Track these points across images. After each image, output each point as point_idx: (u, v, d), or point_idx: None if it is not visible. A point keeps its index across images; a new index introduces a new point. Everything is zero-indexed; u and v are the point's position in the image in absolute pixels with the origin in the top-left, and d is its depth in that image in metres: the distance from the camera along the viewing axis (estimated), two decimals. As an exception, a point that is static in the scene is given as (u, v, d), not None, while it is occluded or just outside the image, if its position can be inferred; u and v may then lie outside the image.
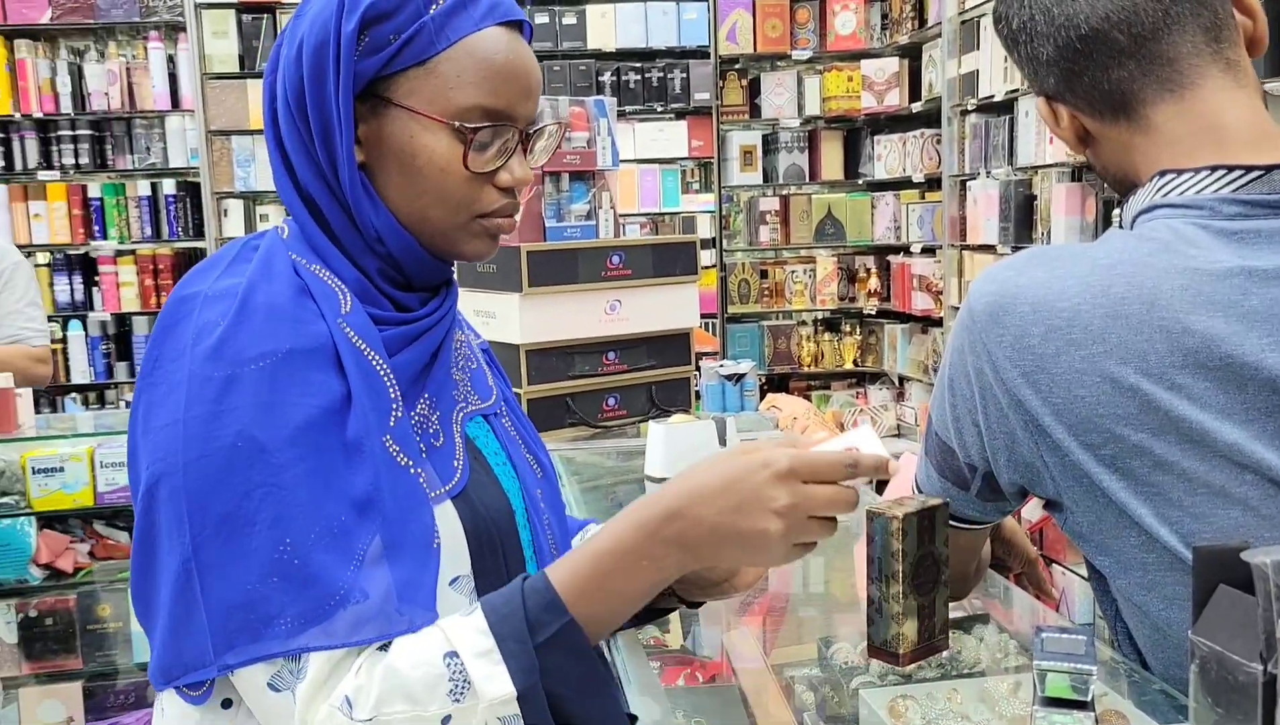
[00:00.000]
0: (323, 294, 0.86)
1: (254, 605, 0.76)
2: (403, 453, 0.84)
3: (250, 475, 0.78)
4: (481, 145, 0.87)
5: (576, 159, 2.59)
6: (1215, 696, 0.77)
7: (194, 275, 0.88)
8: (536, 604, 0.78)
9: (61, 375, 4.71)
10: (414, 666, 0.76)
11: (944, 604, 1.25)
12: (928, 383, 4.79)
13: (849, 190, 5.14)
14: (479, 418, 0.97)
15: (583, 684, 0.79)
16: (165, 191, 4.70)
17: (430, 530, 0.83)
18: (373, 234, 0.88)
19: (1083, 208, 3.48)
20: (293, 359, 0.81)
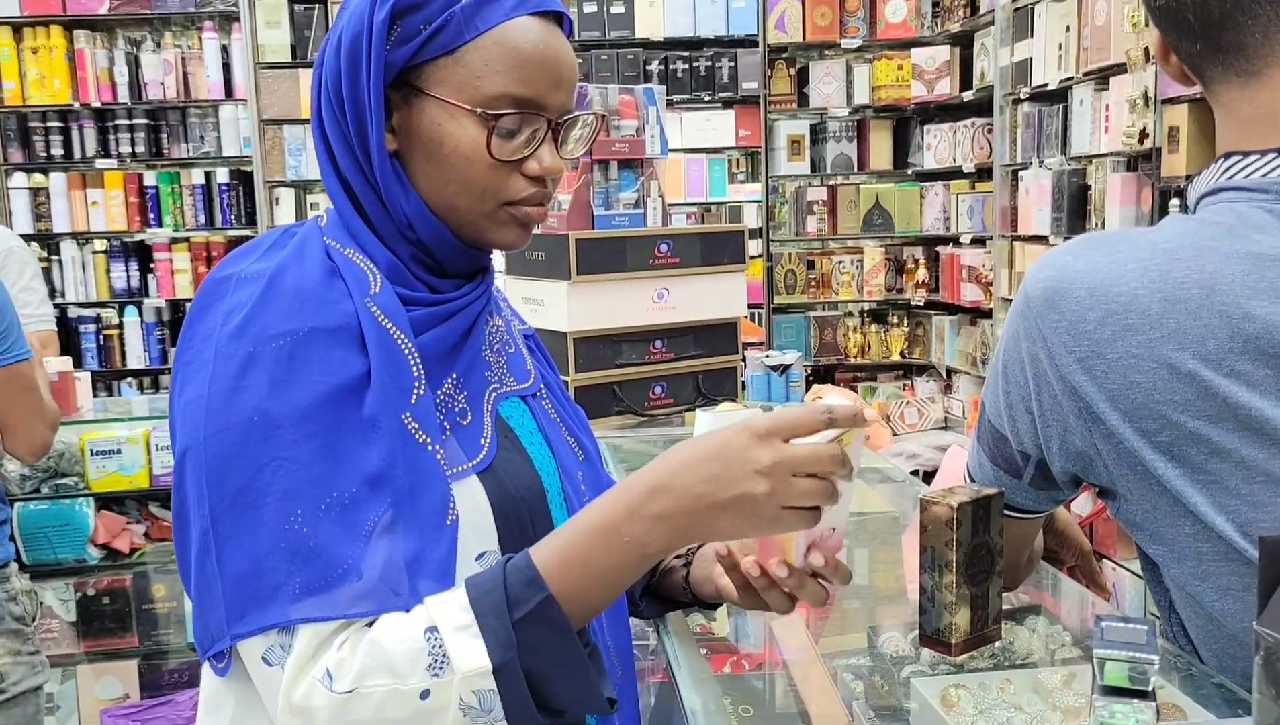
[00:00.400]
0: (353, 275, 0.88)
1: (262, 575, 0.78)
2: (422, 430, 0.85)
3: (265, 449, 0.79)
4: (508, 133, 0.88)
5: (625, 147, 2.59)
6: (1277, 686, 0.75)
7: (231, 258, 0.91)
8: (517, 580, 0.79)
9: (117, 360, 4.81)
10: (396, 642, 0.77)
11: (997, 594, 1.24)
12: (976, 375, 4.74)
13: (898, 180, 5.10)
14: (515, 399, 0.98)
15: (561, 662, 0.79)
16: (219, 180, 4.78)
17: (444, 507, 0.84)
18: (404, 221, 0.90)
19: (1138, 198, 3.41)
20: (314, 338, 0.83)
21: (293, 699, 0.78)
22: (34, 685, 2.10)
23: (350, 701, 0.76)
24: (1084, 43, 3.59)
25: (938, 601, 1.21)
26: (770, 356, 3.49)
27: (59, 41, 4.60)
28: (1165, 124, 3.13)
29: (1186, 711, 1.11)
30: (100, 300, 4.80)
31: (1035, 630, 1.32)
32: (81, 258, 4.77)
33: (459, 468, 0.87)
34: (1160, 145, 3.16)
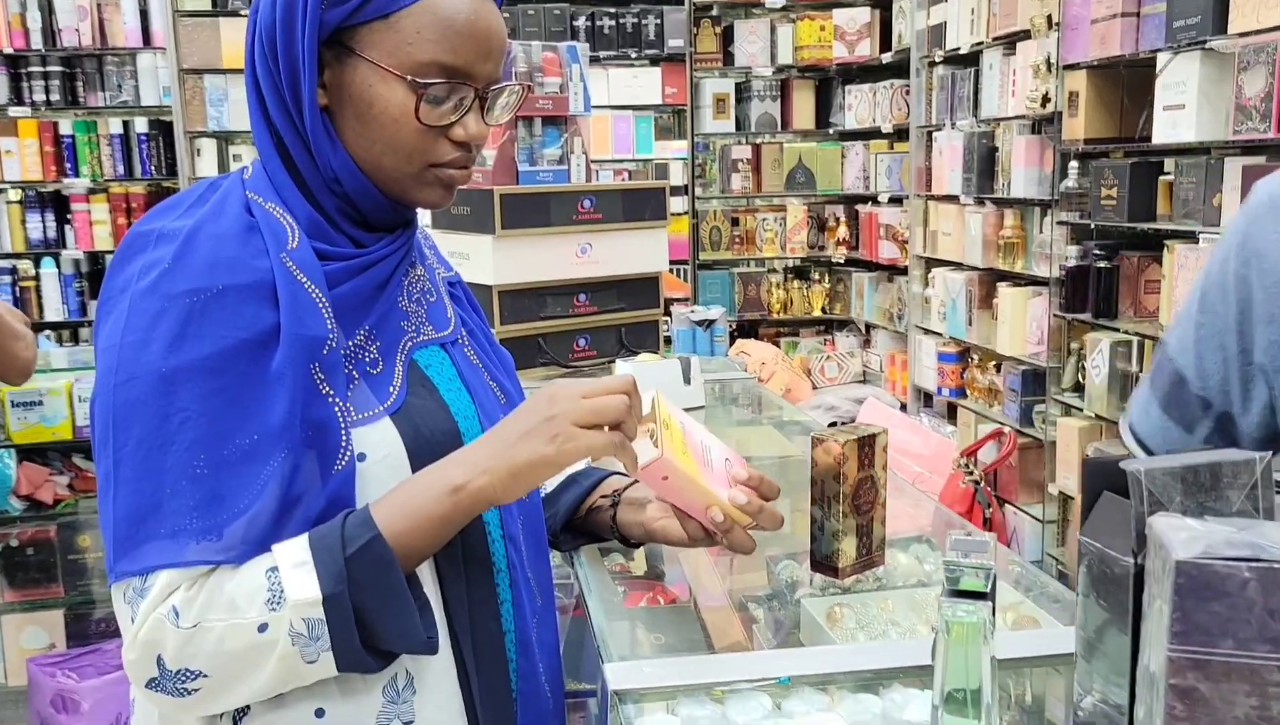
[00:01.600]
0: (271, 230, 0.90)
1: (154, 521, 0.83)
2: (327, 382, 0.89)
3: (169, 401, 0.83)
4: (436, 100, 0.91)
5: (549, 104, 2.64)
6: (1097, 589, 0.87)
7: (155, 213, 0.93)
8: (353, 522, 0.86)
9: (35, 312, 4.73)
10: (239, 581, 0.84)
11: (881, 523, 1.36)
12: (893, 330, 4.90)
13: (820, 140, 5.21)
14: (434, 347, 1.01)
15: (386, 597, 0.86)
16: (137, 130, 4.70)
17: (335, 455, 0.88)
18: (330, 174, 0.93)
19: (1041, 159, 3.57)
20: (226, 295, 0.85)
21: (139, 634, 0.83)
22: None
23: (194, 635, 0.83)
24: (994, 8, 3.71)
25: (826, 530, 1.33)
26: (695, 311, 3.59)
27: (-33, -16, 4.47)
28: (1066, 89, 3.27)
29: (1039, 622, 1.25)
30: (16, 251, 4.70)
31: (919, 558, 1.44)
32: (-4, 208, 4.67)
33: (368, 413, 0.91)
34: (1061, 109, 3.31)
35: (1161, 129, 2.87)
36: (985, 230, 3.89)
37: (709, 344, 3.60)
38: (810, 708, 1.01)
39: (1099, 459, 0.87)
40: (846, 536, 1.32)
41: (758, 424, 2.58)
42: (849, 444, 1.30)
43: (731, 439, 2.46)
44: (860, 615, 1.27)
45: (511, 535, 1.02)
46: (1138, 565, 0.82)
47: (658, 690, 1.05)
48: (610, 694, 1.04)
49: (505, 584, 1.00)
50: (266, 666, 0.84)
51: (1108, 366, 3.15)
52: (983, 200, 3.94)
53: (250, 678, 0.85)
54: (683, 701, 1.02)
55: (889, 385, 4.92)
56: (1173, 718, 0.77)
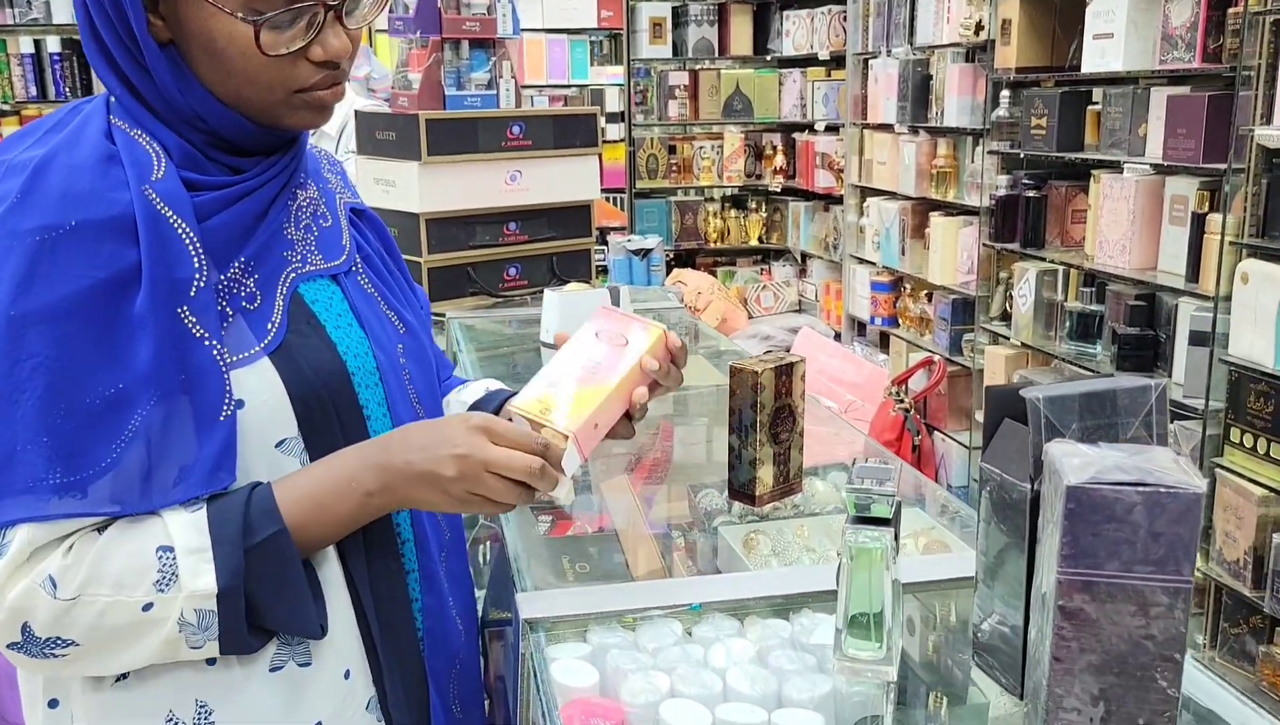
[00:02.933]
0: (134, 160, 0.83)
1: (4, 473, 0.77)
2: (199, 324, 0.82)
3: (20, 346, 0.77)
4: (278, 26, 0.83)
5: (476, 26, 2.58)
6: (998, 514, 0.89)
7: (6, 143, 0.86)
8: (256, 509, 0.83)
9: (-52, 241, 4.56)
10: (127, 555, 0.79)
11: (798, 451, 1.38)
12: (829, 260, 4.92)
13: (757, 66, 5.16)
14: (323, 279, 0.95)
15: (282, 591, 0.84)
16: (50, 49, 4.50)
17: (218, 402, 0.83)
18: (189, 112, 0.86)
19: (974, 88, 3.57)
20: (83, 231, 0.79)
21: (7, 597, 0.78)
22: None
23: (73, 608, 0.79)
24: (931, -67, 3.68)
25: (744, 458, 1.34)
26: (632, 241, 3.57)
27: None
28: (999, 17, 3.27)
29: (949, 547, 1.27)
30: (-75, 177, 4.52)
31: (835, 484, 1.47)
32: (-100, 130, 4.47)
33: (244, 353, 0.86)
34: (994, 38, 3.30)
35: (1091, 58, 2.88)
36: (919, 159, 3.90)
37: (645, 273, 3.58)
38: (720, 633, 1.03)
39: (1001, 388, 0.88)
40: (764, 464, 1.33)
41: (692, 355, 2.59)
42: (766, 373, 1.31)
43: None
44: (776, 542, 1.29)
45: None
46: (1034, 491, 0.84)
47: (570, 619, 1.05)
48: (521, 623, 1.05)
49: (407, 523, 0.97)
50: (146, 644, 0.82)
51: (1034, 295, 3.20)
52: (916, 129, 3.94)
53: (126, 651, 0.82)
54: (594, 630, 1.03)
55: (824, 315, 4.96)
56: (1060, 638, 0.79)
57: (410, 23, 2.57)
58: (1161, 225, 2.77)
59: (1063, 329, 3.10)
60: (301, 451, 0.89)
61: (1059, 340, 3.13)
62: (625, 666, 0.96)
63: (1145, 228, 2.80)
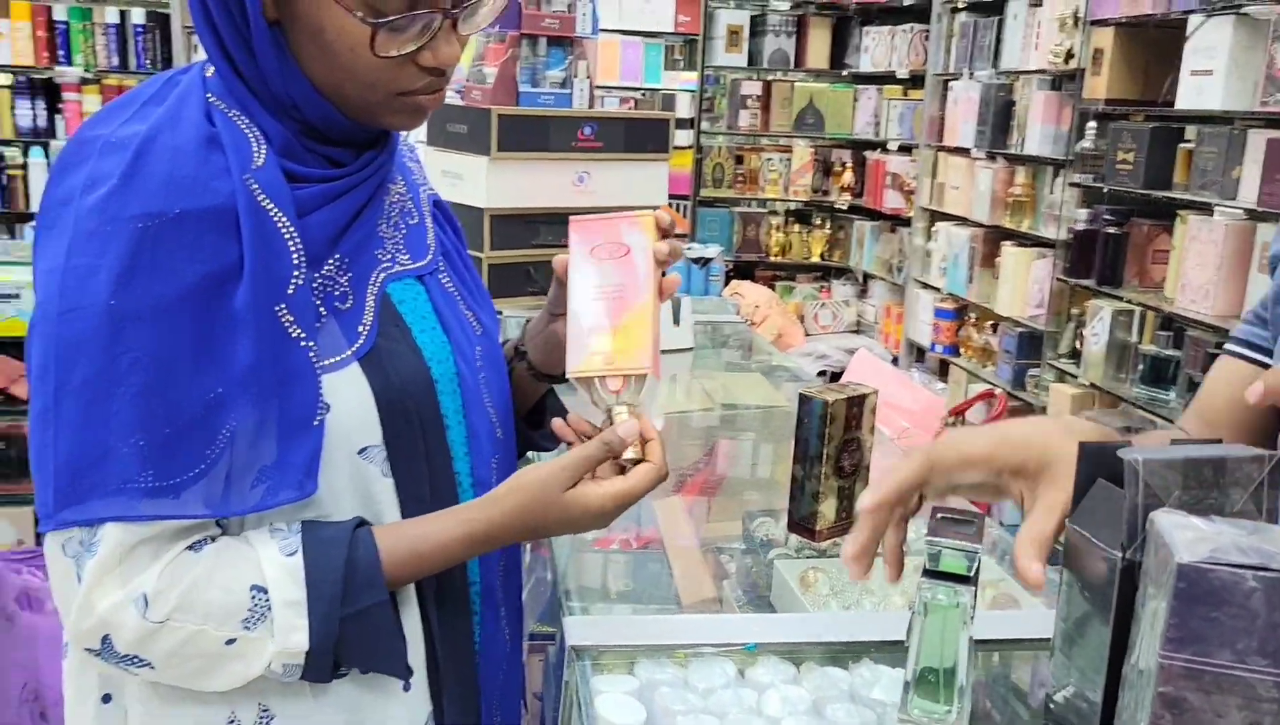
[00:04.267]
0: (235, 145, 0.80)
1: (101, 469, 0.75)
2: (296, 324, 0.80)
3: (122, 340, 0.74)
4: (396, 29, 0.79)
5: (556, 24, 2.54)
6: (1081, 580, 0.82)
7: (102, 115, 0.82)
8: (361, 576, 0.80)
9: (21, 202, 4.63)
10: (221, 589, 0.78)
11: (863, 486, 1.31)
12: (892, 282, 4.83)
13: (833, 81, 5.08)
14: (410, 279, 0.92)
15: (374, 652, 0.83)
16: (134, 20, 4.55)
17: (311, 407, 0.80)
18: (285, 99, 0.82)
19: (1059, 117, 3.47)
20: (185, 221, 0.76)
21: (97, 606, 0.76)
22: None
23: (159, 632, 0.77)
24: (1024, -44, 3.59)
25: (806, 490, 1.28)
26: (692, 249, 3.52)
27: None
28: (1091, 46, 3.16)
29: (1019, 602, 1.21)
30: (5, 138, 4.59)
31: (899, 523, 1.40)
32: (-16, 92, 4.55)
33: (335, 358, 0.83)
34: (1084, 67, 3.20)
35: (1186, 94, 2.78)
36: (994, 186, 3.80)
37: (704, 282, 3.53)
38: (775, 678, 0.97)
39: (1096, 445, 0.81)
40: (826, 498, 1.27)
41: (746, 370, 2.53)
42: (837, 403, 1.25)
43: (718, 383, 2.41)
44: (835, 581, 1.23)
45: (482, 480, 0.95)
46: (1126, 560, 0.77)
47: (618, 649, 1.00)
48: (569, 649, 1.00)
49: None
50: (222, 675, 0.80)
51: (1107, 335, 3.09)
52: (994, 155, 3.84)
53: (201, 678, 0.80)
54: (643, 663, 0.98)
55: (882, 337, 4.87)
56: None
57: (489, 16, 2.55)
58: (1249, 272, 2.66)
59: (1134, 372, 3.00)
60: (384, 460, 0.86)
61: (1130, 383, 3.03)
62: (674, 707, 0.91)
63: (1232, 274, 2.69)
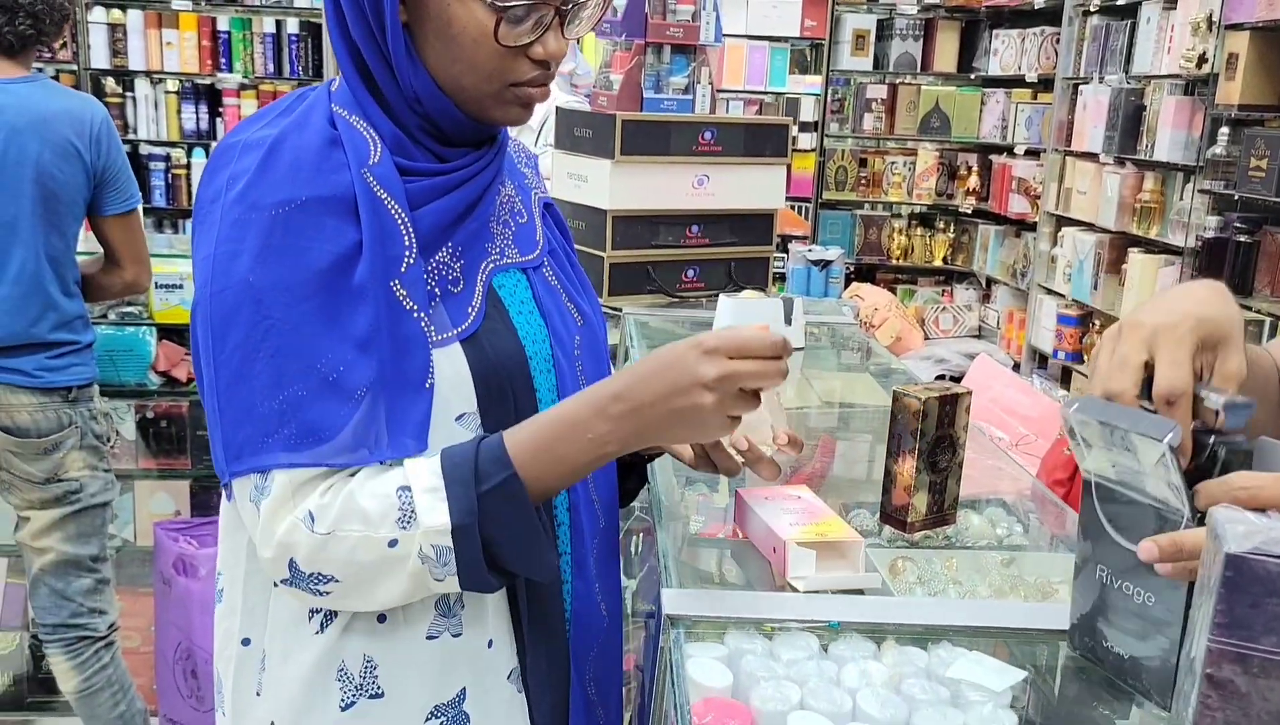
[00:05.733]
0: (353, 144, 0.90)
1: (250, 424, 0.86)
2: (410, 298, 0.90)
3: (258, 310, 0.85)
4: (515, 19, 0.90)
5: (679, 32, 2.64)
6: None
7: (243, 125, 0.95)
8: (487, 457, 0.87)
9: (184, 199, 4.98)
10: (371, 494, 0.86)
11: (955, 482, 1.37)
12: (1015, 287, 4.77)
13: (960, 84, 5.04)
14: (514, 271, 1.02)
15: (516, 533, 0.88)
16: (289, 30, 4.85)
17: (424, 371, 0.90)
18: (411, 93, 0.93)
19: (1190, 122, 3.39)
20: (310, 207, 0.87)
21: (275, 533, 0.86)
22: (106, 500, 2.33)
23: (328, 542, 0.86)
24: (1159, -42, 3.52)
25: (899, 484, 1.34)
26: (813, 251, 3.57)
27: (139, -124, 4.65)
28: (1225, 50, 3.09)
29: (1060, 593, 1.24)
30: (170, 140, 4.94)
31: (991, 520, 1.45)
32: (154, 96, 4.91)
33: (444, 335, 0.93)
34: (1218, 71, 3.13)
35: (1324, 100, 2.70)
36: (1122, 192, 3.73)
37: (823, 284, 3.57)
38: (856, 654, 1.04)
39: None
40: (919, 492, 1.33)
41: (859, 371, 2.57)
42: (930, 401, 1.31)
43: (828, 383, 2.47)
44: (923, 570, 1.29)
45: None
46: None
47: (710, 620, 1.09)
48: (664, 618, 1.09)
49: (563, 507, 1.03)
50: (397, 578, 0.87)
51: (1235, 346, 3.02)
52: (1123, 160, 3.77)
53: (381, 586, 0.88)
54: (733, 633, 1.07)
55: (1004, 343, 4.81)
56: (1205, 707, 0.78)
57: (617, 26, 2.66)
58: (1387, 284, 2.57)
59: (1264, 384, 2.92)
60: (478, 427, 0.95)
61: (1258, 396, 2.94)
62: (759, 673, 0.99)
63: (1368, 285, 2.60)
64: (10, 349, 2.15)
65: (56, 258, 2.19)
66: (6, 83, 2.11)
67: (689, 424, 0.88)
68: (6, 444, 2.17)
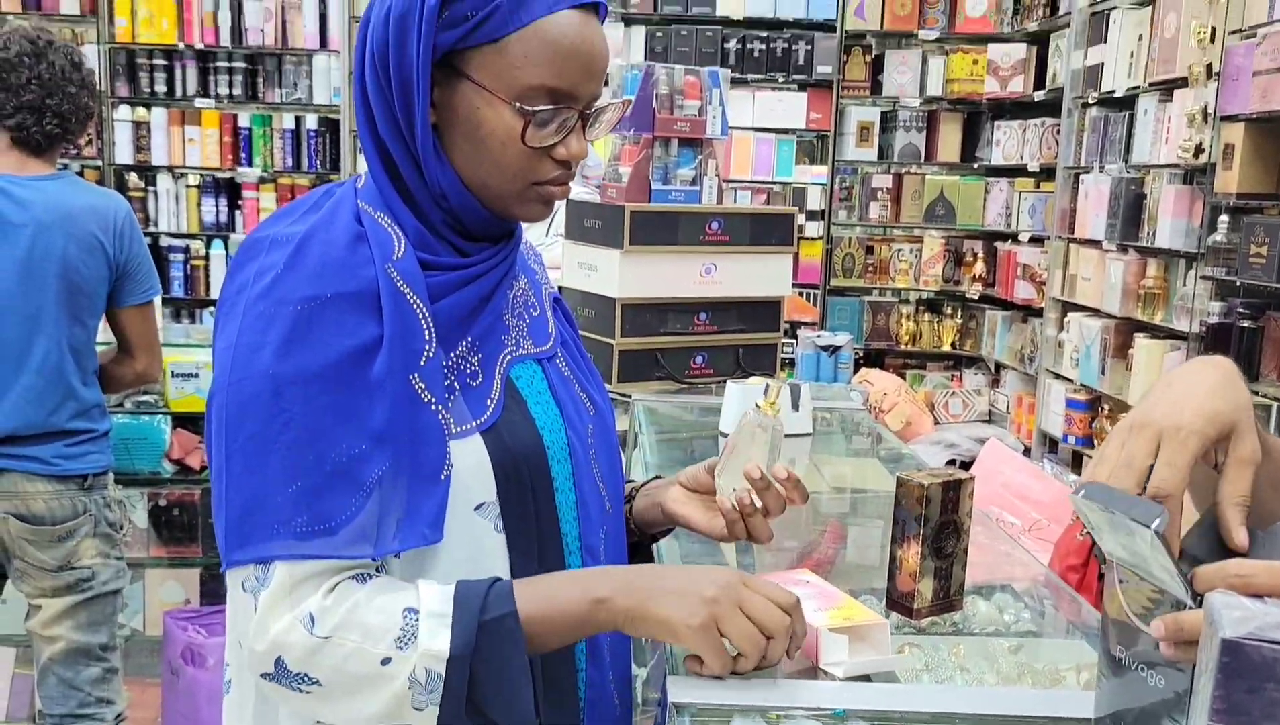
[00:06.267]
0: (378, 240, 0.93)
1: (257, 514, 0.86)
2: (428, 390, 0.92)
3: (278, 402, 0.87)
4: (542, 123, 0.93)
5: (686, 126, 2.71)
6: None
7: (271, 220, 0.97)
8: (496, 591, 0.89)
9: (202, 290, 5.08)
10: (379, 610, 0.87)
11: (961, 568, 1.38)
12: (1024, 372, 4.79)
13: (963, 173, 5.14)
14: (530, 361, 1.04)
15: (504, 673, 0.89)
16: (308, 125, 4.99)
17: (440, 463, 0.91)
18: (437, 190, 0.95)
19: (1190, 211, 3.45)
20: (334, 303, 0.89)
21: (270, 629, 0.86)
22: (117, 588, 2.34)
23: (324, 646, 0.86)
24: (1153, 53, 3.61)
25: (904, 570, 1.35)
26: (822, 337, 3.60)
27: (168, -18, 4.85)
28: (1222, 140, 3.16)
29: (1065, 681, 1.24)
30: (190, 232, 5.06)
31: (999, 606, 1.45)
32: (175, 190, 5.04)
33: (465, 426, 0.94)
34: (1215, 161, 3.20)
35: (1320, 188, 2.75)
36: (1126, 278, 3.78)
37: (833, 370, 3.60)
38: (862, 741, 1.04)
39: None
40: (924, 578, 1.33)
41: (868, 457, 2.58)
42: (933, 486, 1.32)
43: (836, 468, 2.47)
44: (930, 658, 1.29)
45: (590, 547, 1.05)
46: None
47: (716, 708, 1.09)
48: (670, 705, 1.10)
49: None
50: (379, 696, 0.87)
51: (1244, 430, 3.02)
52: (1126, 247, 3.82)
53: (360, 700, 0.88)
54: (738, 720, 1.07)
55: (1014, 427, 4.81)
56: (1206, 791, 0.78)
57: (626, 121, 2.74)
58: (1392, 368, 2.59)
59: (1274, 469, 2.91)
60: (496, 516, 0.97)
61: (1269, 480, 2.94)
62: (765, 760, 0.99)
63: (1373, 370, 2.62)
64: (29, 438, 2.18)
65: (78, 348, 2.24)
66: (34, 180, 2.19)
67: (678, 602, 0.92)
68: (21, 532, 2.19)
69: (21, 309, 2.16)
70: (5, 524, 2.19)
